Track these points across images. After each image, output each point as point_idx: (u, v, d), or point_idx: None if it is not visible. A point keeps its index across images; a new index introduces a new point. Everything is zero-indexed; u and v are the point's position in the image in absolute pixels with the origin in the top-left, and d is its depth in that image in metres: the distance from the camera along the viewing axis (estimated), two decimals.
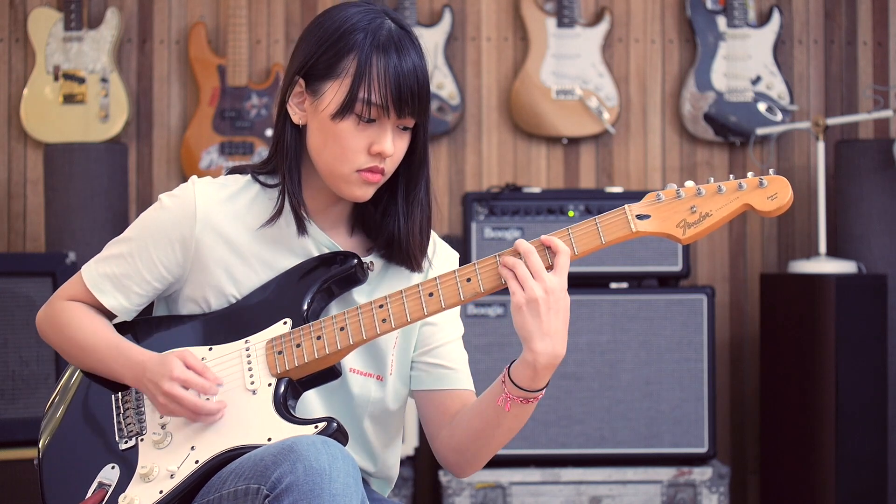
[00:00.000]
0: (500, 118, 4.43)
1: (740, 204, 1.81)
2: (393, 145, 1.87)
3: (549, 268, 1.81)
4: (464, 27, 4.44)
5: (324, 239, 1.95)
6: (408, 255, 1.95)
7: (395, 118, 1.86)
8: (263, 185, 1.95)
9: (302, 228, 1.92)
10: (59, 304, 1.99)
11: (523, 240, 1.83)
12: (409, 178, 1.95)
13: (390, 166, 1.90)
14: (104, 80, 4.30)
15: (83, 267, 1.99)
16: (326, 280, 1.91)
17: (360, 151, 1.86)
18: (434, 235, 2.04)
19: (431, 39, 4.35)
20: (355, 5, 1.91)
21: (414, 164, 1.94)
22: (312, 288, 1.91)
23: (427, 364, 2.01)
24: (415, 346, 2.01)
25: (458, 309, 1.99)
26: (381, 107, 1.84)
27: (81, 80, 4.29)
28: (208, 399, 1.85)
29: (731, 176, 1.87)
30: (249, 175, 1.97)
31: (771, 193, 1.81)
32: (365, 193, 1.90)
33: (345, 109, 1.85)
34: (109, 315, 1.98)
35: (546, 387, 1.85)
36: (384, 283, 1.98)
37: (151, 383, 1.85)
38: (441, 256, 2.05)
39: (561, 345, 1.81)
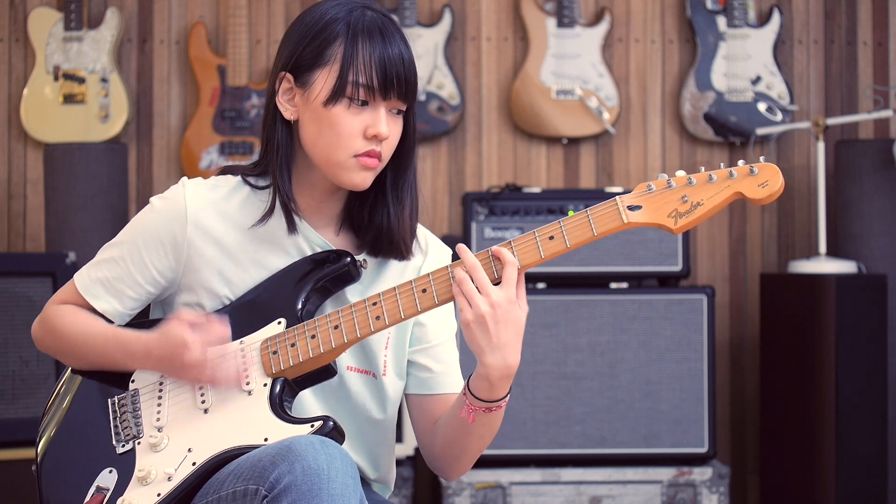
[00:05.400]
0: (500, 118, 4.43)
1: (731, 192, 1.80)
2: (388, 129, 1.88)
3: (498, 281, 1.80)
4: (464, 27, 4.44)
5: (315, 237, 1.94)
6: (396, 242, 1.95)
7: (383, 100, 1.87)
8: (253, 186, 1.95)
9: (293, 226, 1.92)
10: (51, 309, 1.99)
11: (469, 253, 1.81)
12: (398, 164, 1.95)
13: (387, 151, 1.90)
14: (104, 80, 4.30)
15: (76, 274, 1.98)
16: (320, 279, 1.91)
17: (355, 136, 1.87)
18: (426, 231, 2.04)
19: (431, 39, 4.35)
20: (333, 0, 1.93)
21: (405, 150, 1.95)
22: (306, 287, 1.91)
23: (417, 365, 2.01)
24: (409, 342, 2.02)
25: (451, 306, 1.97)
26: (369, 88, 1.85)
27: (81, 80, 4.29)
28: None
29: (722, 165, 1.86)
30: (240, 176, 1.97)
31: (762, 181, 1.80)
32: (364, 180, 1.90)
33: (336, 94, 1.86)
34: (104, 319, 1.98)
35: (508, 395, 1.85)
36: (378, 281, 1.98)
37: (167, 361, 1.84)
38: (435, 252, 2.04)
39: (513, 356, 1.80)
